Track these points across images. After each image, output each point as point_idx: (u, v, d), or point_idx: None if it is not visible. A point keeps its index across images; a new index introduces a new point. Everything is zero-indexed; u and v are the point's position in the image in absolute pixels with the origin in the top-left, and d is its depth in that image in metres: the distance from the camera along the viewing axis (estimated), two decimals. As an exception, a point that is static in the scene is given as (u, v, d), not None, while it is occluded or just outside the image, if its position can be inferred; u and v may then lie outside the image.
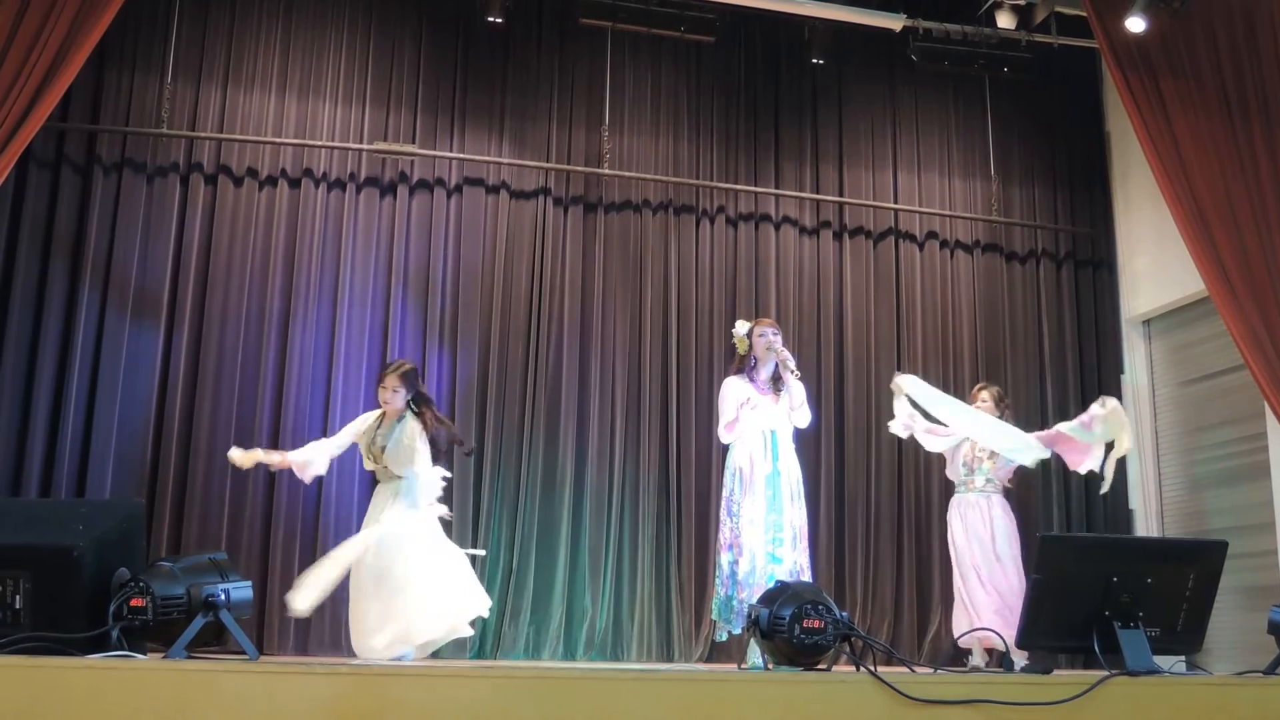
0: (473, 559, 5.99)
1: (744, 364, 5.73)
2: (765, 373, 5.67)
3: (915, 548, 7.72)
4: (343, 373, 7.14)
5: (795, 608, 2.93)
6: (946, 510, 6.59)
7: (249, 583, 2.85)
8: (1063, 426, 6.39)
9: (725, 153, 8.11)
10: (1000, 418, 6.44)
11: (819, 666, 2.95)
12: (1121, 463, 8.12)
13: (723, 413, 5.72)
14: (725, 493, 5.58)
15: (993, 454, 6.37)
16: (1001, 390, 6.71)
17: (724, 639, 5.74)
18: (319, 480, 6.95)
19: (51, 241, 6.90)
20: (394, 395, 5.64)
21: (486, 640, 6.97)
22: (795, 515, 5.49)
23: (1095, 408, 6.27)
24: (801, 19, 7.96)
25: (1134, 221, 8.36)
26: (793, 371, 5.57)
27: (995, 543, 6.24)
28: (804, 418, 5.70)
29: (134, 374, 6.86)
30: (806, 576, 5.42)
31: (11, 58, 5.75)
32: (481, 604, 5.61)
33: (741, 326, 5.81)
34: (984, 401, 6.51)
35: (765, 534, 5.38)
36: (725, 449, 5.81)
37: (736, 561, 5.37)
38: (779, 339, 5.72)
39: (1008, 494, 6.47)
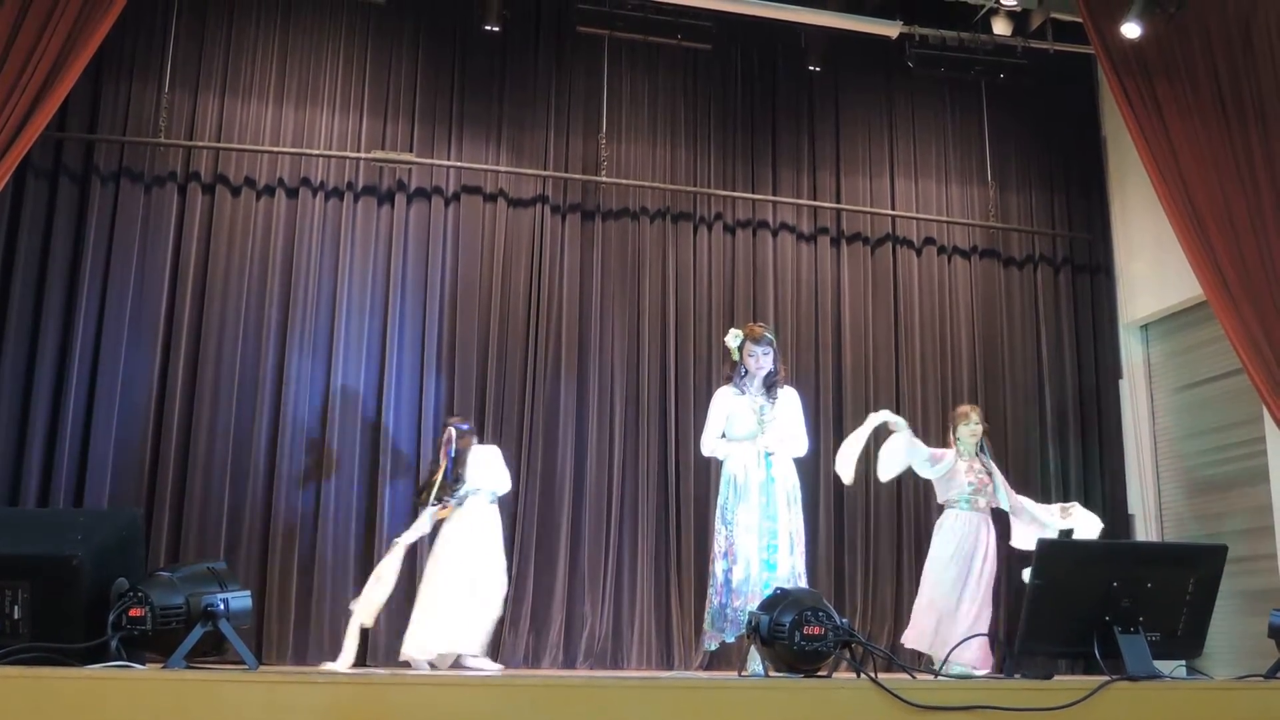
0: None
1: (735, 372, 5.63)
2: (756, 383, 5.56)
3: (915, 553, 7.69)
4: (340, 381, 7.14)
5: (795, 614, 2.93)
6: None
7: (248, 592, 2.84)
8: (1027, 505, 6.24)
9: (723, 159, 8.12)
10: (980, 447, 6.24)
11: (819, 673, 2.95)
12: (1120, 467, 8.17)
13: (707, 424, 5.64)
14: (720, 501, 5.52)
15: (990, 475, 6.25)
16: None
17: (715, 648, 5.67)
18: (316, 488, 6.96)
19: (49, 251, 6.90)
20: None
21: (486, 649, 6.96)
22: (791, 521, 5.42)
23: (1057, 515, 6.14)
24: (798, 26, 7.97)
25: (1131, 226, 8.37)
26: (773, 452, 5.46)
27: (989, 564, 6.15)
28: (796, 450, 5.57)
29: (132, 383, 6.85)
30: (803, 582, 5.39)
31: (9, 67, 5.75)
32: None
33: (733, 339, 5.62)
34: (977, 424, 6.26)
35: (759, 541, 5.34)
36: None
37: (731, 569, 5.33)
38: (769, 358, 5.49)
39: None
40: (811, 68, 8.15)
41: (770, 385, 5.53)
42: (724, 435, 5.54)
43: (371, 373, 7.23)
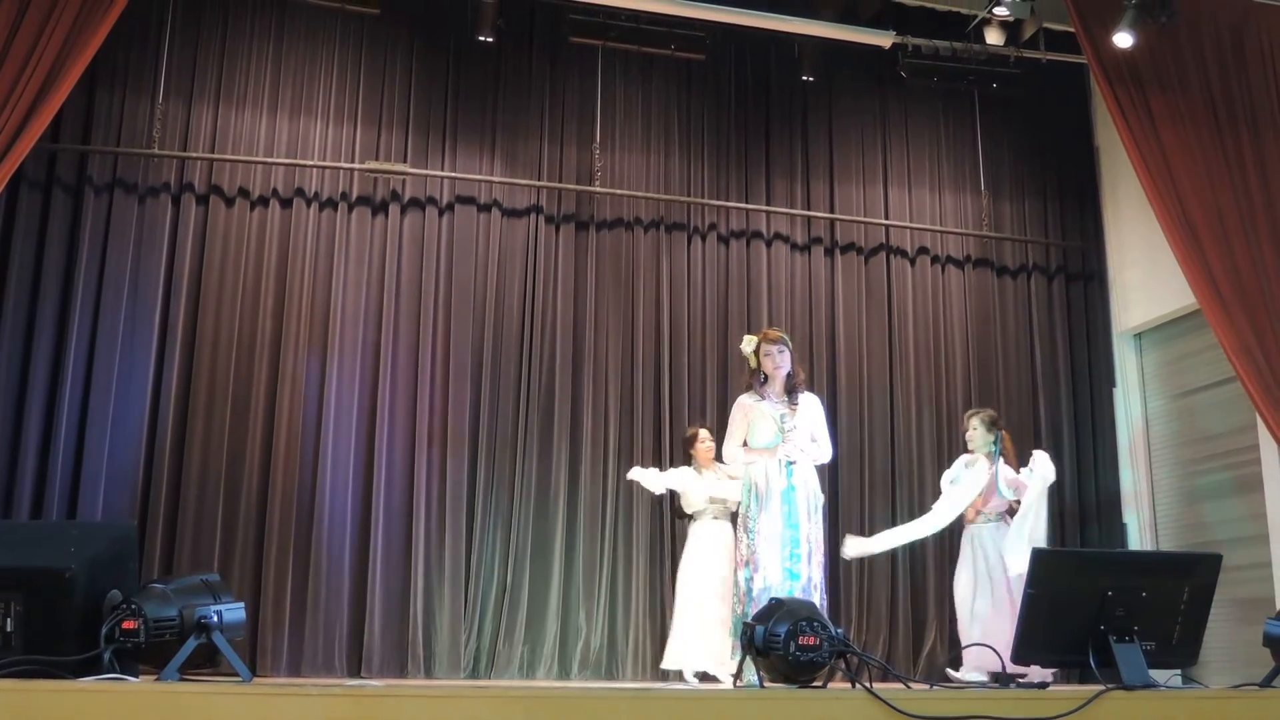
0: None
1: (754, 379, 5.63)
2: (776, 388, 5.57)
3: (909, 563, 7.70)
4: (335, 392, 7.13)
5: (790, 625, 2.92)
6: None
7: (241, 604, 2.83)
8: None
9: (716, 170, 8.13)
10: (995, 443, 6.21)
11: (815, 684, 2.95)
12: (1114, 476, 8.18)
13: (729, 433, 5.64)
14: (741, 509, 5.52)
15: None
16: (992, 415, 6.41)
17: (739, 658, 5.64)
18: (310, 500, 6.94)
19: (43, 262, 6.88)
20: None
21: (481, 660, 6.95)
22: (812, 530, 5.42)
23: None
24: (791, 36, 7.98)
25: (1124, 235, 8.40)
26: (794, 461, 5.48)
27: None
28: (820, 457, 5.60)
29: (126, 395, 6.83)
30: (817, 594, 5.36)
31: (3, 78, 5.75)
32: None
33: (748, 344, 5.63)
34: (974, 429, 6.24)
35: (782, 550, 5.34)
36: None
37: (753, 578, 5.33)
38: (785, 357, 5.52)
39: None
40: (805, 78, 8.15)
41: (790, 390, 5.55)
42: (746, 444, 5.55)
43: (365, 384, 7.22)
